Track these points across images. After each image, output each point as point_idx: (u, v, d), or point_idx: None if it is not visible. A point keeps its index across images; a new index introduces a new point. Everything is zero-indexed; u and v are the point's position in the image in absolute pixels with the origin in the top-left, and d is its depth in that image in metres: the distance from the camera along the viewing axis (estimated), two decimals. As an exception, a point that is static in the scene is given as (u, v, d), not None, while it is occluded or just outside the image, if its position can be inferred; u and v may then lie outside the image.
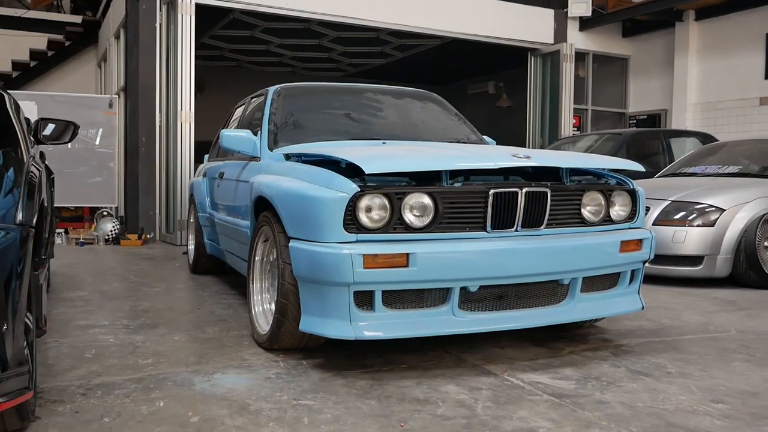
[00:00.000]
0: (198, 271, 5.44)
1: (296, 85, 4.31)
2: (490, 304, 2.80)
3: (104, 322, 3.63)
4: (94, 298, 4.33)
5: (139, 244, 7.69)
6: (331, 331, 2.63)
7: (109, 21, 10.34)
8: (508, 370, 2.79)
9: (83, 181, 8.71)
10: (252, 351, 3.04)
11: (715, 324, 3.78)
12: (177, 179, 7.83)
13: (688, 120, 10.43)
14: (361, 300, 2.62)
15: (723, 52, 10.10)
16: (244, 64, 14.10)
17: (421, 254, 2.58)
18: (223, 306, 4.11)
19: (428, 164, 2.71)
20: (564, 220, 2.95)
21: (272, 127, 3.87)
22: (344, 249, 2.54)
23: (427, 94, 4.58)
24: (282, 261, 2.83)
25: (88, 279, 5.16)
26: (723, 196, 5.26)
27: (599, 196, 3.04)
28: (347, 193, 2.59)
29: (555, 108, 10.72)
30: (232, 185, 4.15)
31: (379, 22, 9.53)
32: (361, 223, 2.61)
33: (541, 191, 2.83)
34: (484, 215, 2.75)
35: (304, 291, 2.73)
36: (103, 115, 8.48)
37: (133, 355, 2.95)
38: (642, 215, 3.20)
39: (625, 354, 3.08)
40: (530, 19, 10.60)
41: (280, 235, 2.89)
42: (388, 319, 2.64)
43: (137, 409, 2.26)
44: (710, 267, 5.10)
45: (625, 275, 3.12)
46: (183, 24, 7.82)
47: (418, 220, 2.67)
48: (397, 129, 4.11)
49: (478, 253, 2.67)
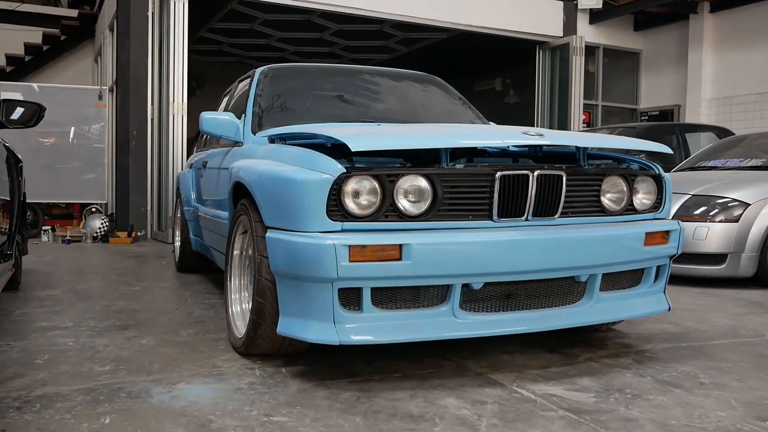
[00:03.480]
0: (184, 269, 5.09)
1: (285, 65, 3.96)
2: (497, 304, 2.44)
3: (68, 323, 3.28)
4: (65, 298, 3.98)
5: (128, 242, 7.35)
6: (312, 334, 2.27)
7: (105, 13, 10.04)
8: (516, 380, 2.42)
9: (76, 177, 8.39)
10: (226, 357, 2.68)
11: (746, 328, 3.41)
12: (169, 174, 7.48)
13: (703, 116, 10.03)
14: (347, 299, 2.27)
15: (739, 45, 9.71)
16: (244, 60, 13.76)
17: (417, 246, 2.22)
18: (203, 306, 3.76)
19: (425, 142, 2.35)
20: (581, 209, 2.59)
21: (257, 109, 3.52)
22: (327, 239, 2.18)
23: (427, 76, 4.22)
24: (258, 254, 2.48)
25: (66, 277, 4.82)
26: (747, 190, 4.88)
27: (621, 181, 2.68)
28: (331, 174, 2.23)
29: (564, 103, 10.33)
30: (214, 174, 3.80)
31: (383, 13, 9.18)
32: (348, 209, 2.25)
33: (556, 174, 2.47)
34: (489, 202, 2.39)
35: (282, 288, 2.37)
36: (93, 108, 8.14)
37: (90, 361, 2.60)
38: (669, 204, 2.83)
39: (649, 361, 2.71)
40: (539, 11, 10.23)
41: (256, 224, 2.54)
42: (378, 320, 2.28)
43: (77, 427, 1.90)
44: (734, 266, 4.73)
45: (650, 272, 2.76)
46: (176, 12, 7.48)
47: (414, 206, 2.31)
48: (395, 113, 3.76)
49: (483, 244, 2.30)
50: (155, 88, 7.84)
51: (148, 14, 7.79)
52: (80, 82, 11.25)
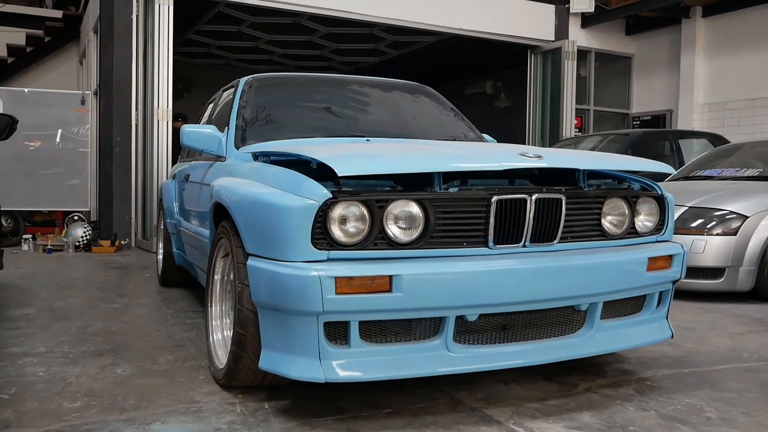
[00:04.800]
0: (167, 284, 4.92)
1: (271, 75, 3.81)
2: (492, 336, 2.30)
3: (41, 348, 3.11)
4: (40, 318, 3.81)
5: (111, 251, 7.16)
6: (296, 371, 2.12)
7: (89, 15, 9.82)
8: (513, 416, 2.28)
9: (60, 182, 8.18)
10: (206, 389, 2.53)
11: (748, 350, 3.29)
12: (154, 181, 7.30)
13: (695, 121, 9.94)
14: (333, 332, 2.12)
15: (732, 50, 9.62)
16: (232, 62, 13.57)
17: (408, 277, 2.07)
18: (185, 327, 3.60)
19: (417, 165, 2.20)
20: (581, 233, 2.45)
21: (240, 122, 3.36)
22: (312, 270, 2.04)
23: (419, 86, 4.08)
24: (240, 282, 2.32)
25: (43, 293, 4.64)
26: (745, 202, 4.77)
27: (623, 203, 2.55)
28: (316, 200, 2.08)
29: (556, 108, 10.22)
30: (196, 189, 3.64)
31: (372, 16, 9.01)
32: (334, 237, 2.10)
33: (555, 198, 2.33)
34: (485, 227, 2.25)
35: (264, 320, 2.22)
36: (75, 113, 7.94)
37: (60, 395, 2.44)
38: (671, 226, 2.70)
39: (651, 392, 2.58)
40: (530, 15, 10.10)
41: (237, 250, 2.39)
42: (367, 356, 2.13)
43: (38, 481, 1.75)
44: (732, 280, 4.61)
45: (652, 298, 2.63)
46: (161, 15, 7.30)
47: (405, 233, 2.17)
48: (385, 125, 3.61)
49: (478, 274, 2.16)
50: (139, 93, 7.65)
51: (132, 17, 7.60)
52: (65, 84, 11.02)
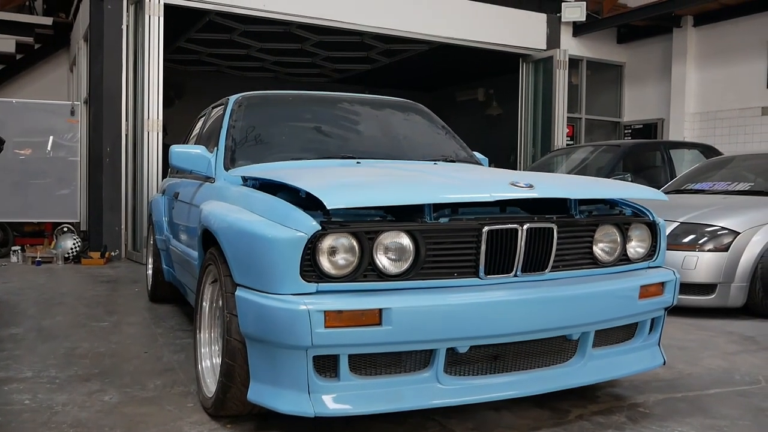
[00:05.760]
0: (156, 299, 4.88)
1: (260, 93, 3.78)
2: (483, 366, 2.28)
3: (28, 373, 3.07)
4: (28, 338, 3.77)
5: (101, 263, 7.11)
6: (285, 405, 2.10)
7: (80, 22, 9.76)
8: (505, 448, 2.27)
9: (50, 192, 8.12)
10: (195, 418, 2.50)
11: (740, 371, 3.28)
12: (144, 193, 7.25)
13: (686, 130, 9.97)
14: (322, 365, 2.10)
15: (723, 60, 9.65)
16: (223, 69, 13.53)
17: (398, 310, 2.05)
18: (174, 348, 3.56)
19: (407, 196, 2.18)
20: (573, 261, 2.44)
21: (230, 143, 3.33)
22: (301, 303, 2.01)
23: (410, 104, 4.06)
24: (228, 312, 2.30)
25: (31, 310, 4.59)
26: (737, 218, 4.77)
27: (615, 230, 2.53)
28: (305, 232, 2.06)
29: (548, 117, 10.22)
30: (185, 210, 3.61)
31: (362, 25, 9.00)
32: (323, 269, 2.08)
33: (547, 227, 2.32)
34: (476, 258, 2.23)
35: (252, 352, 2.19)
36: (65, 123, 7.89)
37: (46, 426, 2.40)
38: (663, 251, 2.69)
39: (644, 419, 2.57)
40: (522, 24, 10.11)
41: (226, 279, 2.36)
42: (357, 389, 2.11)
43: None
44: (723, 296, 4.61)
45: (644, 324, 2.61)
46: (151, 26, 7.26)
47: (394, 265, 2.15)
48: (376, 145, 3.58)
49: (470, 306, 2.14)
50: (130, 104, 7.61)
51: (122, 27, 7.57)
52: (55, 91, 10.95)
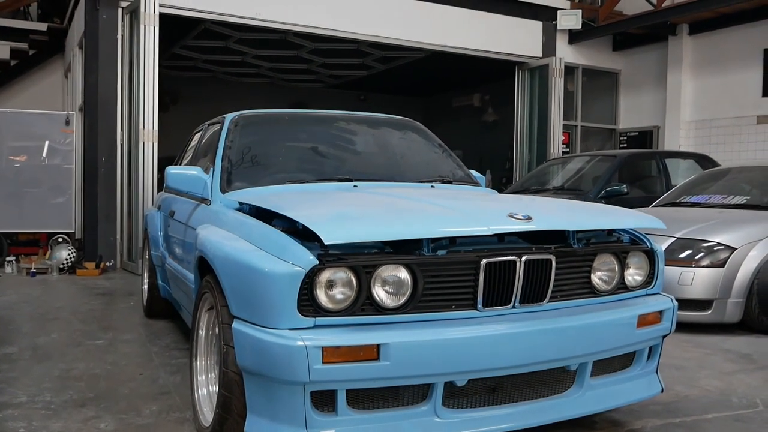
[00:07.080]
0: (152, 315, 4.85)
1: (256, 112, 3.76)
2: (481, 399, 2.27)
3: (22, 398, 3.05)
4: (23, 358, 3.74)
5: (96, 274, 7.08)
6: (282, 440, 2.09)
7: (74, 29, 9.74)
8: (503, 480, 2.25)
9: (44, 201, 8.08)
10: (190, 449, 2.49)
11: (737, 394, 3.27)
12: (140, 202, 7.23)
13: (682, 138, 9.98)
14: (320, 400, 2.09)
15: (718, 68, 9.67)
16: (219, 75, 13.50)
17: (396, 345, 2.04)
18: (170, 369, 3.54)
19: (405, 230, 2.17)
20: (571, 291, 2.43)
21: (226, 164, 3.32)
22: (298, 339, 2.00)
23: (407, 122, 4.05)
24: (225, 343, 2.28)
25: (25, 327, 4.56)
26: (733, 233, 4.77)
27: (613, 259, 2.53)
28: (303, 267, 2.05)
29: (543, 124, 10.22)
30: (181, 230, 3.59)
31: (357, 34, 8.99)
32: (320, 303, 2.07)
33: (545, 259, 2.31)
34: (474, 290, 2.22)
35: (249, 385, 2.18)
36: (60, 134, 7.85)
37: (40, 458, 2.39)
38: (661, 279, 2.69)
39: (642, 447, 2.56)
40: (517, 32, 10.11)
41: (222, 309, 2.35)
42: (354, 423, 2.10)
43: None
44: (720, 312, 4.61)
45: (642, 353, 2.61)
46: (146, 35, 7.23)
47: (392, 298, 2.14)
48: (373, 166, 3.58)
49: (468, 340, 2.13)
50: (125, 113, 7.58)
51: (117, 37, 7.54)
52: (49, 98, 10.93)
